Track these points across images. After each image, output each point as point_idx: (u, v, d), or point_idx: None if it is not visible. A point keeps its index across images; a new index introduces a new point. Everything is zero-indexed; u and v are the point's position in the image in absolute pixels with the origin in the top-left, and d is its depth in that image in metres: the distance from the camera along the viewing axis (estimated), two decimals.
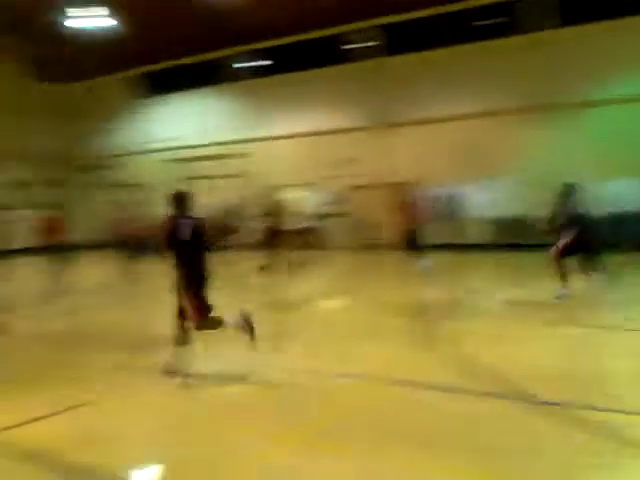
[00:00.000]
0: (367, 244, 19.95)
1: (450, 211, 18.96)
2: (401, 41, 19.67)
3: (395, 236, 13.81)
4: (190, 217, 6.29)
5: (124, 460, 4.22)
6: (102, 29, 19.79)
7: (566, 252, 9.28)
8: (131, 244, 15.25)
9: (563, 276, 9.37)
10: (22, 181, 23.90)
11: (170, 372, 6.07)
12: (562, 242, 9.31)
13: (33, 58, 25.25)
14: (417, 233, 13.29)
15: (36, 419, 4.98)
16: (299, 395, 5.49)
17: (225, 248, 15.58)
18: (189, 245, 6.09)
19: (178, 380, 5.89)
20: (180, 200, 6.32)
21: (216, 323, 6.25)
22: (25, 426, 4.84)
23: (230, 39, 21.61)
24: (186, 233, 6.09)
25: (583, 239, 9.24)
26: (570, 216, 9.35)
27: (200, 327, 6.13)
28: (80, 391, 5.81)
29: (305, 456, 4.10)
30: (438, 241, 18.27)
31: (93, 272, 16.64)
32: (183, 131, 23.92)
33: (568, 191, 9.50)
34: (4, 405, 5.49)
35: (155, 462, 4.22)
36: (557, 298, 9.24)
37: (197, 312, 6.01)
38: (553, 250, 9.45)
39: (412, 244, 13.28)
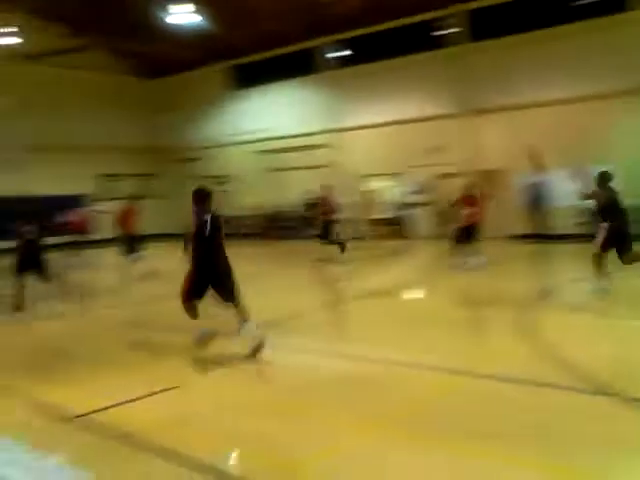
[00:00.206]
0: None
1: (539, 200, 18.29)
2: (489, 25, 19.04)
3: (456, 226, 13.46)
4: (210, 213, 6.54)
5: (209, 443, 4.37)
6: (196, 24, 20.44)
7: (608, 244, 8.65)
8: None
9: (601, 269, 8.80)
10: (116, 173, 25.13)
11: (256, 350, 6.29)
12: (602, 235, 8.66)
13: (132, 54, 26.42)
14: (477, 227, 12.93)
15: (129, 401, 5.22)
16: (377, 385, 5.48)
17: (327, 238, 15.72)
18: (208, 240, 6.46)
19: (260, 361, 6.07)
20: (202, 197, 6.54)
21: (191, 314, 6.64)
22: (119, 407, 5.08)
23: (318, 29, 21.75)
24: (207, 229, 6.42)
25: (622, 230, 8.62)
26: (608, 206, 8.70)
27: (183, 306, 6.61)
28: (171, 374, 6.05)
29: (387, 446, 4.09)
30: (526, 231, 17.83)
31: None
32: (271, 122, 24.26)
33: (606, 179, 8.83)
34: (99, 387, 5.79)
35: (238, 446, 4.33)
36: (596, 291, 8.72)
37: (184, 293, 6.57)
38: (596, 242, 8.77)
39: (467, 237, 12.91)
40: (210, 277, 6.54)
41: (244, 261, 15.52)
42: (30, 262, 10.06)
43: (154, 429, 4.58)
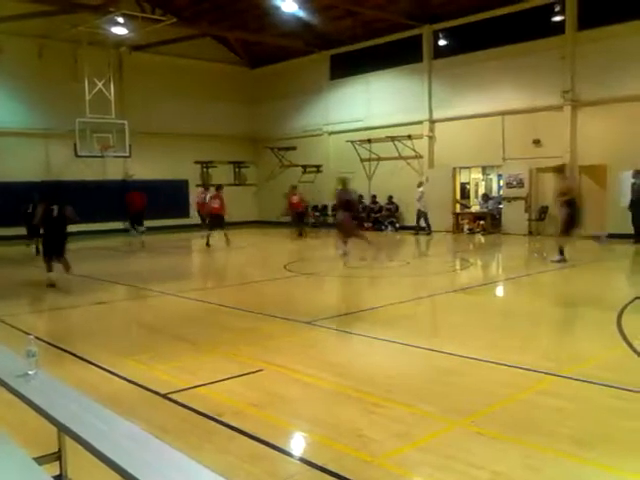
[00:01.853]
0: (547, 230, 18.99)
1: None
2: (593, 15, 18.03)
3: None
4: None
5: (290, 427, 4.47)
6: (299, 13, 20.77)
7: None
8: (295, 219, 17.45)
9: None
10: (215, 161, 25.91)
11: None
12: None
13: (235, 43, 27.11)
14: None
15: (216, 381, 5.41)
16: (461, 381, 5.37)
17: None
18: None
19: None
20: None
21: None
22: (207, 386, 5.28)
23: (422, 17, 21.48)
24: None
25: None
26: None
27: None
28: (265, 355, 6.20)
29: (467, 441, 4.02)
30: (628, 230, 16.89)
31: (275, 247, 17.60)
32: (368, 112, 24.21)
33: None
34: (188, 366, 6.04)
35: (317, 432, 4.39)
36: None
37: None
38: None
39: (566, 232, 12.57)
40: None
41: (335, 250, 15.76)
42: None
43: (238, 409, 4.73)
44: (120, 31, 21.24)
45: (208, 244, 17.91)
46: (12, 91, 21.94)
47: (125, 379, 5.49)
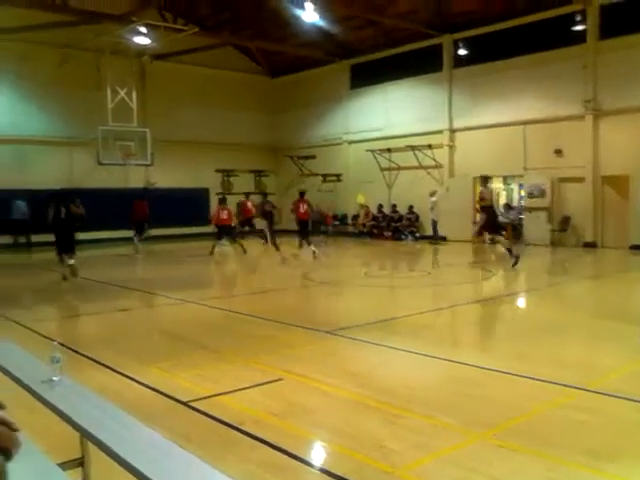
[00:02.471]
0: (569, 241, 18.82)
1: None
2: (615, 24, 17.84)
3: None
4: None
5: (310, 437, 4.47)
6: (320, 23, 20.93)
7: None
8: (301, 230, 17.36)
9: None
10: (235, 169, 26.09)
11: None
12: None
13: (257, 53, 27.33)
14: None
15: (237, 390, 5.43)
16: (484, 392, 5.33)
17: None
18: None
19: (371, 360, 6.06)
20: None
21: None
22: (233, 394, 5.31)
23: (443, 27, 21.50)
24: None
25: None
26: None
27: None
28: (285, 364, 6.20)
29: (492, 454, 3.99)
30: None
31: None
32: (387, 121, 24.22)
33: None
34: (216, 373, 6.07)
35: (339, 442, 4.37)
36: None
37: None
38: None
39: None
40: None
41: (356, 259, 15.84)
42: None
43: (259, 418, 4.74)
44: (142, 40, 21.52)
45: (212, 253, 17.85)
46: (36, 100, 22.30)
47: (147, 386, 5.53)
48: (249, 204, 19.82)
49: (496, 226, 14.71)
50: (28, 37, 21.00)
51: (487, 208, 14.22)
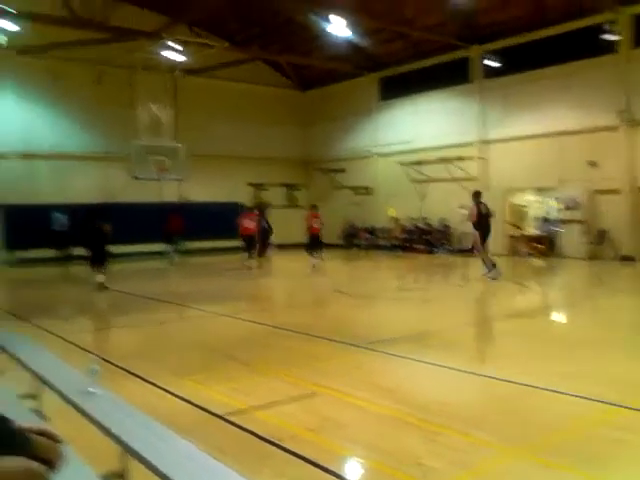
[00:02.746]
0: (606, 254, 18.44)
1: None
2: None
3: None
4: None
5: (342, 453, 4.43)
6: (350, 37, 21.04)
7: None
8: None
9: None
10: (266, 183, 26.26)
11: None
12: None
13: (288, 67, 27.55)
14: None
15: (270, 403, 5.41)
16: (521, 409, 5.24)
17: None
18: None
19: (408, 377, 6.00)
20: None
21: None
22: (267, 407, 5.30)
23: (473, 38, 21.45)
24: None
25: None
26: None
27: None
28: (317, 378, 6.19)
29: (531, 473, 3.94)
30: None
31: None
32: (417, 133, 24.12)
33: None
34: (250, 386, 6.07)
35: (374, 459, 4.33)
36: None
37: None
38: None
39: None
40: None
41: (388, 272, 15.76)
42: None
43: (294, 433, 4.72)
44: (174, 56, 21.89)
45: (248, 265, 17.99)
46: (72, 116, 22.81)
47: (182, 398, 5.54)
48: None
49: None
50: (63, 55, 21.54)
51: (475, 224, 14.41)
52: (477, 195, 14.76)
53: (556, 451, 4.27)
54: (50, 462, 1.64)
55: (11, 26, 19.48)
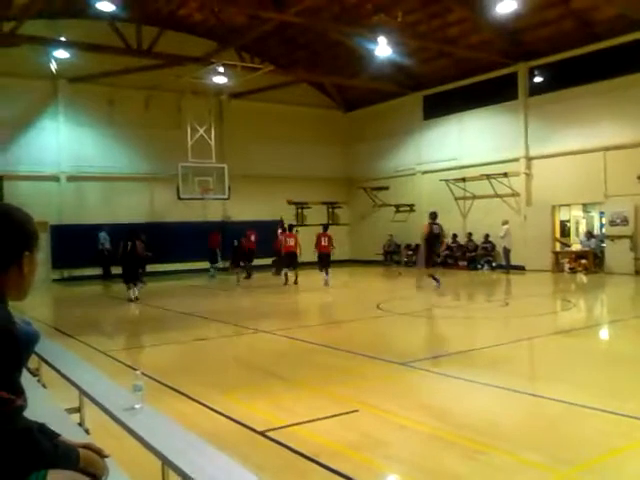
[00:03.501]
0: None
1: None
2: None
3: None
4: None
5: (387, 469, 4.40)
6: (393, 57, 21.18)
7: None
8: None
9: None
10: (309, 202, 26.44)
11: None
12: None
13: (331, 88, 27.80)
14: None
15: (311, 420, 5.40)
16: (564, 428, 5.11)
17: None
18: None
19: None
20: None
21: None
22: (308, 424, 5.29)
23: (518, 55, 21.27)
24: None
25: None
26: None
27: None
28: (359, 395, 6.15)
29: None
30: None
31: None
32: (460, 151, 23.98)
33: None
34: (291, 403, 6.07)
35: (415, 477, 4.31)
36: None
37: None
38: None
39: None
40: None
41: (431, 289, 15.57)
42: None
43: (334, 450, 4.69)
44: (220, 80, 22.35)
45: (286, 282, 18.26)
46: (122, 139, 23.48)
47: (224, 415, 5.59)
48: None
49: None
50: (115, 82, 22.22)
51: (427, 240, 15.78)
52: (433, 216, 15.89)
53: (604, 472, 4.15)
54: (96, 476, 1.69)
55: (63, 54, 20.30)
